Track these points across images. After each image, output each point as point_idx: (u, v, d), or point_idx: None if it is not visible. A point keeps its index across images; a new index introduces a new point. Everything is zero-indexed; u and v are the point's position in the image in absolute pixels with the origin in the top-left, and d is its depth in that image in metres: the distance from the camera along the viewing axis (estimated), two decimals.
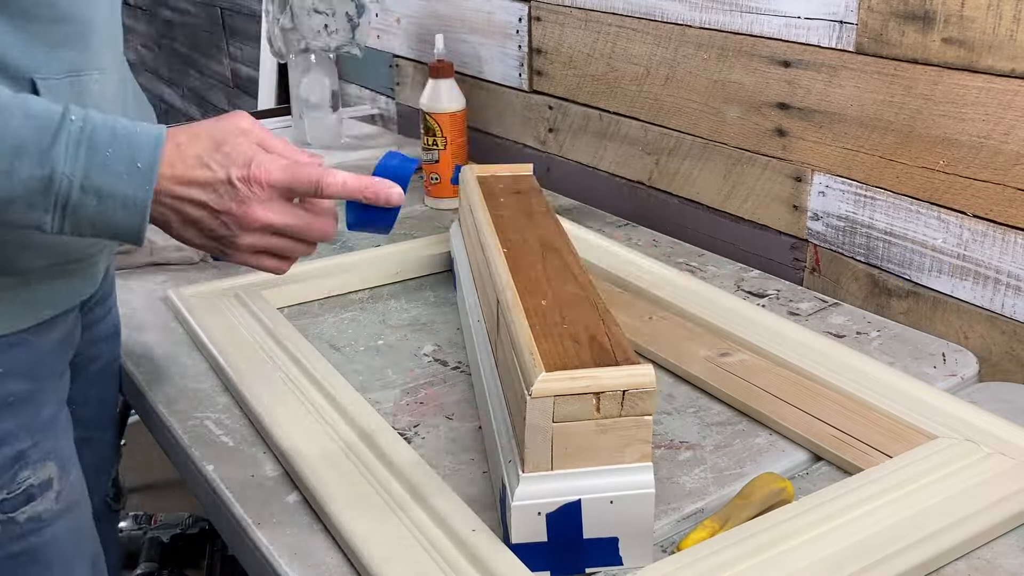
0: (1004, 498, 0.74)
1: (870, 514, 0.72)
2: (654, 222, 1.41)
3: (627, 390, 0.65)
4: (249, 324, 1.05)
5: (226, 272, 1.23)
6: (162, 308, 1.14)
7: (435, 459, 0.84)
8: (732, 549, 0.69)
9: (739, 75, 1.24)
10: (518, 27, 1.57)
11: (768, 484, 0.76)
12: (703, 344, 1.01)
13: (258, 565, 0.75)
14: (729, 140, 1.28)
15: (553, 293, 0.79)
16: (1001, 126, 0.97)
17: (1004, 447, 0.80)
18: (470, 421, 0.91)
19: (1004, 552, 0.71)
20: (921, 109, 1.04)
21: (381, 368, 1.01)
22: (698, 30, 1.28)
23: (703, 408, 0.92)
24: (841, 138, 1.13)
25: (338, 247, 1.31)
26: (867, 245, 1.14)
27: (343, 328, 1.10)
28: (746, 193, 1.27)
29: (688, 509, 0.77)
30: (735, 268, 1.23)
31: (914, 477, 0.77)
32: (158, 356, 1.03)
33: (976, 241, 1.03)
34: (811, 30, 1.13)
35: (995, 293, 1.02)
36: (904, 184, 1.08)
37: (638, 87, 1.39)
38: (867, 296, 1.16)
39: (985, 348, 1.04)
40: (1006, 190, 0.99)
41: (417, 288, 1.20)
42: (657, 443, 0.86)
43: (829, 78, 1.13)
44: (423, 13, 1.79)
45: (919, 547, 0.69)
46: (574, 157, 1.55)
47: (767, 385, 0.93)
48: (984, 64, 0.98)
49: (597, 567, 0.70)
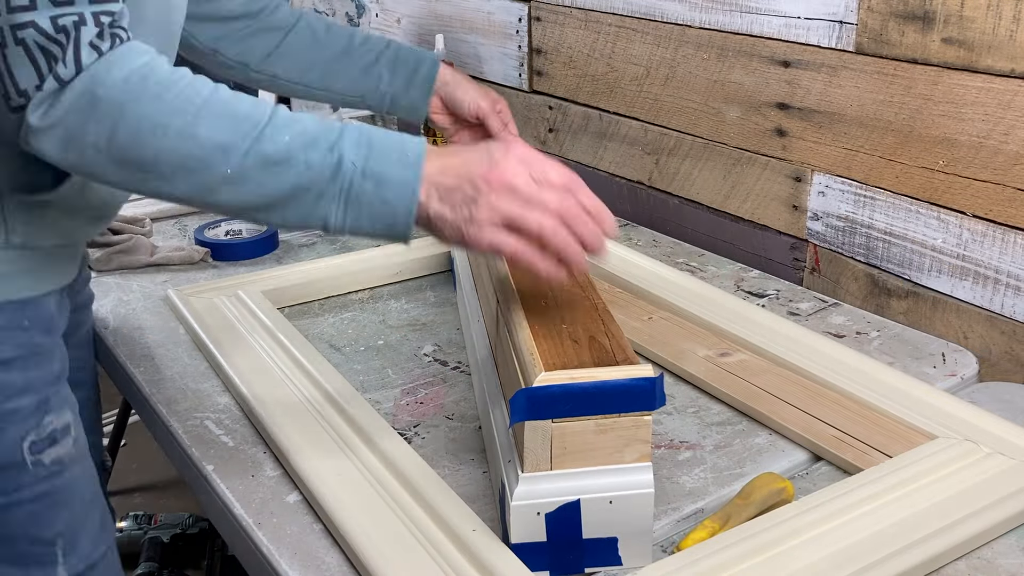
0: (1004, 498, 0.74)
1: (870, 514, 0.72)
2: (654, 222, 1.41)
3: None
4: (249, 324, 1.05)
5: (226, 272, 1.23)
6: (162, 308, 1.14)
7: (435, 459, 0.84)
8: (732, 549, 0.69)
9: (739, 75, 1.24)
10: (518, 27, 1.57)
11: (768, 484, 0.76)
12: (703, 344, 1.01)
13: (258, 565, 0.75)
14: (729, 140, 1.28)
15: (553, 293, 0.79)
16: (1001, 126, 0.97)
17: (1004, 447, 0.80)
18: (470, 421, 0.91)
19: (1004, 552, 0.71)
20: (921, 109, 1.04)
21: (381, 368, 1.01)
22: (698, 30, 1.28)
23: (703, 408, 0.92)
24: (841, 138, 1.13)
25: (338, 247, 1.31)
26: (867, 245, 1.14)
27: (343, 328, 1.10)
28: (746, 193, 1.27)
29: (688, 509, 0.77)
30: (735, 268, 1.24)
31: (914, 477, 0.77)
32: (158, 356, 1.03)
33: (976, 241, 1.03)
34: (811, 30, 1.13)
35: (995, 293, 1.02)
36: (904, 184, 1.08)
37: (638, 87, 1.39)
38: (867, 296, 1.16)
39: (985, 348, 1.04)
40: (1006, 190, 0.99)
41: (417, 288, 1.20)
42: (657, 443, 0.86)
43: (829, 78, 1.13)
44: (423, 13, 1.79)
45: (919, 547, 0.69)
46: (574, 157, 1.55)
47: (767, 385, 0.93)
48: (984, 64, 0.98)
49: (596, 567, 0.70)
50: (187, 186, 0.67)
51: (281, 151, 0.67)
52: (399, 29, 1.88)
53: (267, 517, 0.77)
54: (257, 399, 0.90)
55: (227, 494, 0.80)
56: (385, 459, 0.80)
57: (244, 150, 0.66)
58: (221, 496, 0.81)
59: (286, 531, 0.75)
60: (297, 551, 0.73)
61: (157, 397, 0.95)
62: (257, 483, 0.81)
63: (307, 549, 0.73)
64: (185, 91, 0.67)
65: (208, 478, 0.83)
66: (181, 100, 0.66)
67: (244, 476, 0.82)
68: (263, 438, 0.87)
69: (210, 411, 0.92)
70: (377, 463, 0.80)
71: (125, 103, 0.65)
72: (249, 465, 0.84)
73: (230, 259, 1.27)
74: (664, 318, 1.07)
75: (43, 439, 0.79)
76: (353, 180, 0.68)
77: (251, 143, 0.66)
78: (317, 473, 0.78)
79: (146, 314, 1.12)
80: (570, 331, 0.72)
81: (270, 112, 0.68)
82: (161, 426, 0.93)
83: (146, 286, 1.20)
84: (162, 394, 0.95)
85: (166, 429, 0.91)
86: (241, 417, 0.91)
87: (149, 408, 0.96)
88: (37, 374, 0.79)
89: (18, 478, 0.78)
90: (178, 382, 0.98)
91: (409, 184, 0.68)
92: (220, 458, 0.85)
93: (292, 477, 0.81)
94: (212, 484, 0.82)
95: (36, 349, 0.79)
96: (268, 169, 0.67)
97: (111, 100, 0.65)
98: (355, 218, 0.69)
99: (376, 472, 0.78)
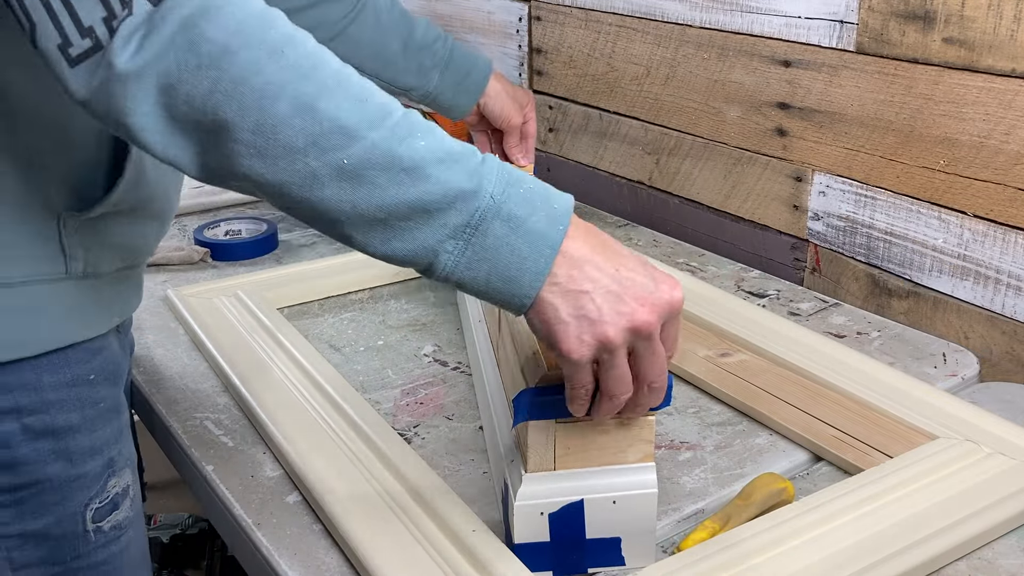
0: (1004, 498, 0.74)
1: (870, 514, 0.72)
2: (654, 222, 1.41)
3: None
4: (249, 324, 1.04)
5: (226, 272, 1.23)
6: (162, 308, 1.14)
7: (435, 459, 0.84)
8: (732, 549, 0.69)
9: (739, 75, 1.24)
10: (518, 27, 1.57)
11: (768, 484, 0.76)
12: (703, 344, 1.01)
13: (258, 565, 0.75)
14: (729, 140, 1.28)
15: None
16: (1001, 126, 0.97)
17: (1004, 447, 0.80)
18: (470, 421, 0.90)
19: (1004, 552, 0.71)
20: (921, 109, 1.04)
21: (381, 368, 1.01)
22: (698, 30, 1.28)
23: (703, 408, 0.92)
24: (841, 138, 1.13)
25: (338, 247, 1.30)
26: (867, 245, 1.14)
27: (343, 328, 1.10)
28: (746, 193, 1.27)
29: (688, 509, 0.77)
30: (735, 268, 1.23)
31: (914, 477, 0.76)
32: (158, 356, 1.03)
33: (976, 241, 1.03)
34: (811, 30, 1.13)
35: (995, 293, 1.02)
36: (904, 184, 1.08)
37: (638, 87, 1.39)
38: (867, 296, 1.16)
39: (985, 348, 1.04)
40: (1006, 190, 0.99)
41: (417, 288, 1.20)
42: (657, 443, 0.86)
43: (829, 78, 1.13)
44: (423, 13, 1.79)
45: (919, 547, 0.69)
46: (574, 157, 1.54)
47: (767, 385, 0.92)
48: (984, 64, 0.98)
49: (599, 567, 0.70)
50: (286, 171, 0.54)
51: (414, 156, 0.55)
52: None
53: (267, 517, 0.77)
54: (257, 399, 0.90)
55: (227, 494, 0.80)
56: (385, 459, 0.80)
57: (372, 141, 0.54)
58: (221, 496, 0.80)
59: (286, 531, 0.75)
60: (297, 551, 0.73)
61: (157, 397, 0.95)
62: (257, 483, 0.81)
63: (307, 549, 0.73)
64: (312, 53, 0.54)
65: (208, 478, 0.83)
66: (305, 62, 0.54)
67: (244, 476, 0.82)
68: (263, 438, 0.87)
69: (210, 411, 0.92)
70: (377, 463, 0.79)
71: (237, 49, 0.52)
72: (249, 465, 0.84)
73: (230, 259, 1.27)
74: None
75: (105, 505, 0.71)
76: (486, 217, 0.55)
77: (381, 136, 0.54)
78: (317, 473, 0.78)
79: (145, 314, 1.12)
80: None
81: (404, 110, 0.56)
82: (161, 426, 0.93)
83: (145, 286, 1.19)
84: (162, 394, 0.95)
85: (166, 429, 0.91)
86: (241, 417, 0.91)
87: (149, 408, 0.95)
88: (103, 433, 0.71)
89: (76, 548, 0.70)
90: (178, 382, 0.97)
91: (550, 239, 0.56)
92: (220, 458, 0.85)
93: (292, 477, 0.81)
94: (212, 484, 0.82)
95: (103, 405, 0.71)
96: (393, 173, 0.54)
97: (218, 42, 0.51)
98: (472, 262, 0.56)
99: (376, 472, 0.78)
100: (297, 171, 0.54)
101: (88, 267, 0.68)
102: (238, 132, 0.53)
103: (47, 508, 0.68)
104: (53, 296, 0.66)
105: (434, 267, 0.57)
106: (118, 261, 0.71)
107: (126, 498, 0.74)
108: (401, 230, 0.56)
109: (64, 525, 0.69)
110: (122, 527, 0.74)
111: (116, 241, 0.70)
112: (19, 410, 0.66)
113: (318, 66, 0.54)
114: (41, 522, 0.68)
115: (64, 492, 0.69)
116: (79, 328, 0.68)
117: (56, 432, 0.67)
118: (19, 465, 0.66)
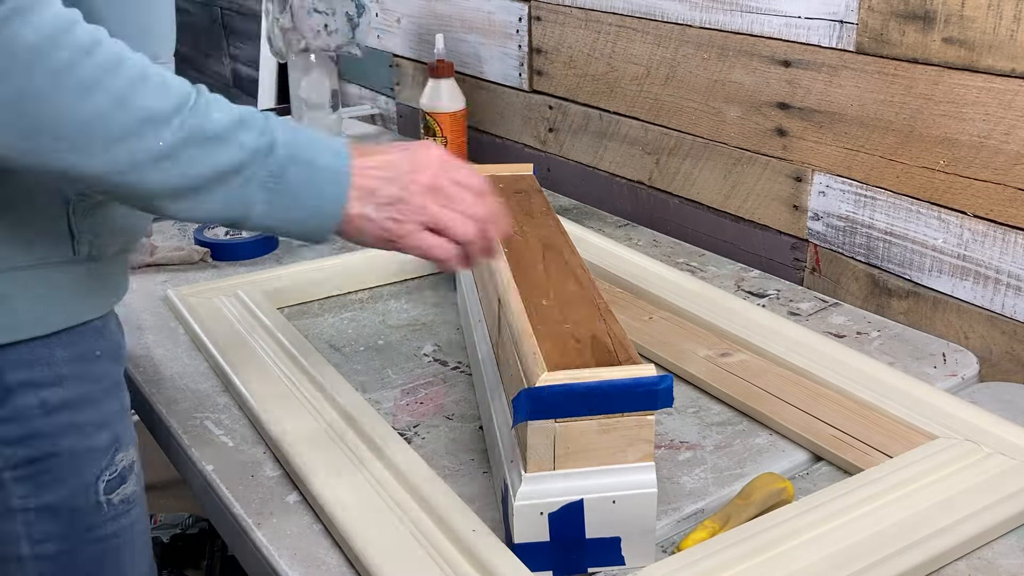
0: (1004, 498, 0.74)
1: (870, 514, 0.72)
2: (654, 222, 1.41)
3: None
4: (249, 324, 1.04)
5: (226, 272, 1.23)
6: (162, 308, 1.14)
7: (435, 459, 0.84)
8: (732, 549, 0.69)
9: (739, 75, 1.24)
10: (518, 27, 1.57)
11: (768, 484, 0.76)
12: (703, 344, 1.01)
13: (258, 565, 0.75)
14: (729, 140, 1.28)
15: (554, 292, 0.79)
16: (1001, 126, 0.97)
17: (1004, 447, 0.80)
18: (470, 421, 0.91)
19: (1004, 552, 0.71)
20: (921, 109, 1.04)
21: (381, 368, 1.01)
22: (698, 30, 1.28)
23: (703, 408, 0.92)
24: (841, 138, 1.13)
25: (338, 247, 1.30)
26: (867, 245, 1.14)
27: (343, 328, 1.10)
28: (746, 193, 1.27)
29: (688, 509, 0.77)
30: (735, 268, 1.23)
31: (914, 477, 0.76)
32: (158, 356, 1.03)
33: (976, 241, 1.03)
34: (811, 30, 1.13)
35: (995, 293, 1.02)
36: (904, 184, 1.08)
37: (638, 87, 1.39)
38: (867, 296, 1.16)
39: (985, 348, 1.04)
40: (1006, 190, 0.99)
41: (417, 288, 1.20)
42: (657, 443, 0.86)
43: (829, 78, 1.13)
44: (423, 13, 1.79)
45: (919, 547, 0.69)
46: (574, 157, 1.54)
47: (767, 385, 0.92)
48: (984, 64, 0.98)
49: (599, 567, 0.70)
50: (108, 161, 0.60)
51: (216, 128, 0.63)
52: (399, 29, 1.88)
53: (267, 517, 0.77)
54: (257, 399, 0.90)
55: (227, 494, 0.80)
56: (385, 459, 0.80)
57: (179, 123, 0.61)
58: (221, 496, 0.80)
59: (286, 531, 0.75)
60: (297, 551, 0.73)
61: (157, 397, 0.95)
62: (257, 483, 0.81)
63: (307, 549, 0.73)
64: (119, 52, 0.60)
65: (208, 478, 0.83)
66: (113, 60, 0.59)
67: (244, 476, 0.82)
68: (263, 438, 0.87)
69: (210, 411, 0.92)
70: (377, 463, 0.79)
71: (50, 50, 0.56)
72: (249, 465, 0.84)
73: (230, 259, 1.27)
74: (664, 318, 1.07)
75: (115, 477, 0.75)
76: (284, 165, 0.65)
77: (186, 116, 0.62)
78: (317, 473, 0.78)
79: (145, 314, 1.12)
80: (572, 331, 0.72)
81: (197, 88, 0.64)
82: (161, 426, 0.93)
83: (145, 286, 1.20)
84: (162, 394, 0.95)
85: (166, 429, 0.91)
86: (241, 417, 0.91)
87: (148, 408, 0.95)
88: (109, 408, 0.75)
89: (89, 520, 0.74)
90: (178, 382, 0.98)
91: (341, 172, 0.68)
92: (220, 458, 0.85)
93: (292, 477, 0.81)
94: (212, 484, 0.82)
95: (108, 380, 0.75)
96: (202, 146, 0.62)
97: (30, 45, 0.56)
98: (282, 208, 0.66)
99: (376, 472, 0.78)
100: (116, 159, 0.60)
101: (93, 250, 0.72)
102: (55, 128, 0.58)
103: (62, 480, 0.72)
104: (64, 278, 0.70)
105: (248, 218, 0.65)
106: (118, 244, 0.75)
107: (132, 473, 0.77)
108: (216, 193, 0.64)
109: (78, 497, 0.73)
110: (130, 501, 0.77)
111: (118, 225, 0.74)
112: (37, 384, 0.69)
113: (125, 61, 0.60)
114: (57, 494, 0.72)
115: (77, 463, 0.72)
116: (87, 308, 0.72)
117: (69, 405, 0.71)
118: (36, 438, 0.70)
